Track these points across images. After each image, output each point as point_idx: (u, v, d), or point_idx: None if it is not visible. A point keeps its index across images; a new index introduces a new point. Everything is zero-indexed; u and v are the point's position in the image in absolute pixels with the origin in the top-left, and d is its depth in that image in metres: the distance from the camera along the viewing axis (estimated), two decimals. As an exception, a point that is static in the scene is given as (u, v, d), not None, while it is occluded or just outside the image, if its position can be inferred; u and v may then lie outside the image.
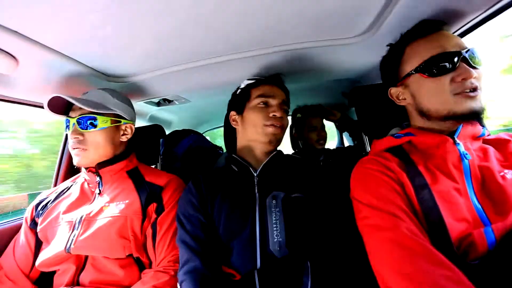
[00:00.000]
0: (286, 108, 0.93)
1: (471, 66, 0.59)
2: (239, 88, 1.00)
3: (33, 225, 0.92)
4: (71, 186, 0.99)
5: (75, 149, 0.88)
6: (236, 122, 0.96)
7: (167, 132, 1.62)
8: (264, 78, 0.98)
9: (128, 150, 1.00)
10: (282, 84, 0.97)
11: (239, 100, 0.96)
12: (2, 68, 0.76)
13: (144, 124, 1.50)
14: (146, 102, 1.37)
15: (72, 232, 0.83)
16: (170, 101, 1.42)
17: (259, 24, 0.79)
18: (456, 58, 0.59)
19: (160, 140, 1.36)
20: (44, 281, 0.89)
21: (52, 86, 0.96)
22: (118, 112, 0.93)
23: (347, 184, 0.71)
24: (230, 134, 1.04)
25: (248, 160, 0.90)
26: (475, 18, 0.75)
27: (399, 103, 0.73)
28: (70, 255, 0.82)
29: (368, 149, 1.80)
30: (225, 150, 1.37)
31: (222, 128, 1.20)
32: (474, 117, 0.60)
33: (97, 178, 0.93)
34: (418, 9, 0.74)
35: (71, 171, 1.22)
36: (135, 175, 0.96)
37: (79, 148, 0.88)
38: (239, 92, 0.98)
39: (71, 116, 0.89)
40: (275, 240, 0.74)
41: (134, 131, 1.00)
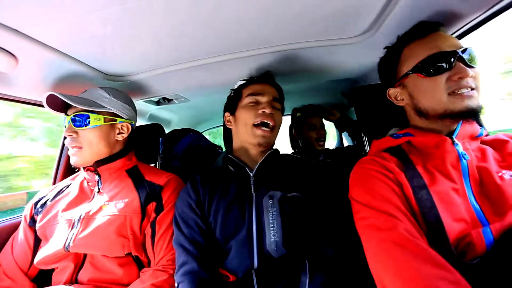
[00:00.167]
0: (277, 105, 0.92)
1: (468, 66, 0.60)
2: (232, 89, 1.01)
3: (32, 223, 0.92)
4: (70, 184, 0.99)
5: (72, 148, 0.89)
6: (230, 122, 0.97)
7: (167, 131, 1.62)
8: (255, 78, 0.98)
9: (126, 149, 1.00)
10: (273, 82, 0.97)
11: (232, 101, 0.97)
12: (2, 67, 0.76)
13: (143, 123, 1.51)
14: (145, 101, 1.37)
15: (71, 230, 0.83)
16: (169, 100, 1.42)
17: (259, 24, 0.79)
18: (452, 58, 0.60)
19: (160, 139, 1.36)
20: (42, 278, 0.89)
21: (51, 85, 0.96)
22: (113, 110, 0.93)
23: (346, 184, 0.72)
24: (228, 134, 1.04)
25: (244, 160, 0.90)
26: (474, 19, 0.75)
27: (398, 104, 0.74)
28: (69, 253, 0.82)
29: (367, 149, 1.80)
30: (224, 149, 1.37)
31: (221, 128, 1.20)
32: (471, 115, 0.60)
33: (96, 177, 0.93)
34: (418, 9, 0.74)
35: (70, 169, 1.22)
36: (134, 174, 0.96)
37: (74, 146, 0.88)
38: (232, 94, 0.99)
39: (67, 114, 0.90)
40: (272, 239, 0.74)
41: (131, 129, 0.99)
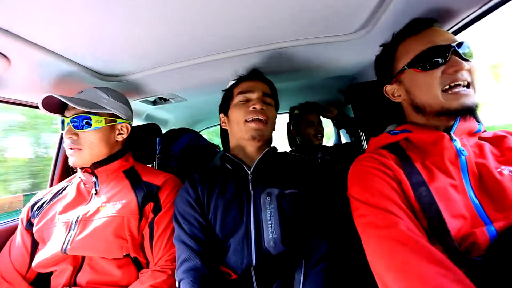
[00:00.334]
0: (269, 100, 0.92)
1: (463, 59, 0.60)
2: (223, 90, 1.01)
3: (29, 226, 0.91)
4: (67, 186, 0.98)
5: (70, 149, 0.88)
6: (225, 123, 0.97)
7: (164, 131, 1.62)
8: (244, 76, 0.98)
9: (124, 149, 0.99)
10: (262, 77, 0.97)
11: (224, 101, 0.98)
12: None
13: (140, 123, 1.49)
14: (142, 101, 1.36)
15: (69, 232, 0.82)
16: (166, 99, 1.41)
17: (255, 22, 0.79)
18: (447, 52, 0.61)
19: (157, 139, 1.35)
20: (40, 282, 0.89)
21: (46, 86, 0.95)
22: (113, 111, 0.93)
23: (343, 181, 0.71)
24: (225, 134, 1.04)
25: (241, 158, 0.90)
26: (469, 15, 0.76)
27: (395, 100, 0.74)
28: (66, 256, 0.81)
29: (364, 146, 1.81)
30: (222, 148, 1.37)
31: (219, 127, 1.19)
32: (467, 112, 0.61)
33: (93, 178, 0.92)
34: (413, 6, 0.74)
35: (67, 171, 1.21)
36: (131, 175, 0.96)
37: (74, 148, 0.87)
38: (224, 94, 1.00)
39: (65, 116, 0.88)
40: (270, 236, 0.75)
41: (130, 130, 0.99)
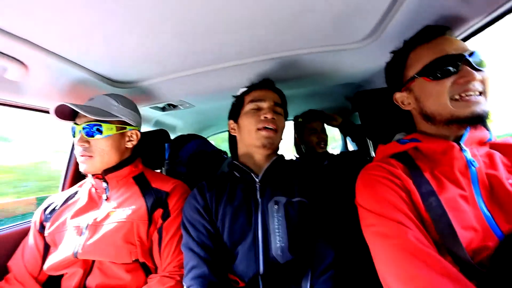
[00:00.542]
0: (279, 110, 0.93)
1: (475, 69, 0.59)
2: (234, 97, 1.02)
3: (41, 229, 0.93)
4: (78, 191, 1.00)
5: (81, 156, 0.89)
6: (234, 130, 0.98)
7: (172, 136, 1.64)
8: (255, 84, 0.99)
9: (133, 156, 1.01)
10: (274, 87, 0.99)
11: (234, 109, 0.98)
12: (13, 75, 0.78)
13: (149, 129, 1.52)
14: (151, 107, 1.39)
15: (80, 237, 0.84)
16: (175, 106, 1.44)
17: (263, 31, 0.80)
18: (458, 61, 0.60)
19: (165, 144, 1.37)
20: (51, 284, 0.90)
21: (60, 92, 0.98)
22: (123, 118, 0.94)
23: (351, 189, 0.71)
24: (233, 141, 1.05)
25: (249, 166, 0.91)
26: (477, 22, 0.75)
27: (404, 108, 0.73)
28: (77, 260, 0.83)
29: (372, 153, 1.79)
30: (229, 155, 1.38)
31: (226, 133, 1.21)
32: (477, 121, 0.59)
33: (104, 184, 0.94)
34: (420, 14, 0.74)
35: (78, 176, 1.23)
36: (141, 181, 0.97)
37: (85, 155, 0.89)
38: (235, 101, 1.01)
39: (77, 123, 0.90)
40: (278, 245, 0.75)
41: (140, 136, 1.01)
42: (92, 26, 0.68)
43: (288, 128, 1.00)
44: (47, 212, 0.95)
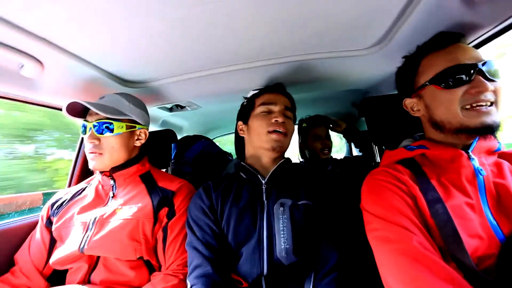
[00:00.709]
0: (289, 114, 0.94)
1: (488, 79, 0.59)
2: (245, 98, 1.03)
3: (48, 223, 0.94)
4: (86, 187, 1.02)
5: (91, 153, 0.91)
6: (243, 131, 0.99)
7: (178, 137, 1.66)
8: (267, 87, 1.01)
9: (141, 154, 1.03)
10: (284, 91, 1.00)
11: (244, 110, 0.99)
12: (30, 73, 0.80)
13: (156, 128, 1.54)
14: (159, 108, 1.41)
15: (86, 232, 0.85)
16: (182, 107, 1.46)
17: (272, 35, 0.81)
18: (471, 71, 0.59)
19: (172, 145, 1.38)
20: (56, 278, 0.91)
21: (72, 90, 1.00)
22: (133, 117, 0.96)
23: (355, 193, 0.72)
24: (240, 142, 1.06)
25: (256, 168, 0.91)
26: (490, 30, 0.74)
27: (414, 114, 0.73)
28: (83, 255, 0.84)
29: (378, 159, 1.79)
30: (235, 157, 1.39)
31: (231, 135, 1.22)
32: (487, 131, 0.59)
33: (111, 182, 0.96)
34: (430, 22, 0.74)
35: (85, 173, 1.25)
36: (148, 180, 0.99)
37: (95, 152, 0.90)
38: (245, 103, 1.02)
39: (88, 120, 0.92)
40: (282, 247, 0.75)
41: (148, 136, 1.03)
42: (107, 26, 0.70)
43: (294, 132, 1.00)
44: (55, 207, 0.96)
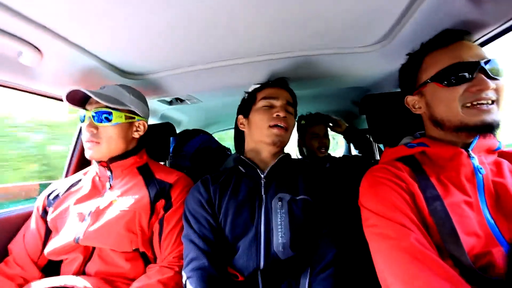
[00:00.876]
0: (291, 109, 0.94)
1: (491, 77, 0.58)
2: (246, 92, 1.02)
3: (44, 214, 0.94)
4: (82, 178, 1.01)
5: (88, 142, 0.90)
6: (243, 125, 0.99)
7: (177, 131, 1.65)
8: (269, 82, 1.00)
9: (139, 146, 1.02)
10: (286, 86, 0.99)
11: (245, 104, 0.99)
12: (28, 61, 0.79)
13: (155, 121, 1.53)
14: (158, 100, 1.40)
15: (82, 223, 0.85)
16: (182, 100, 1.45)
17: (274, 30, 0.80)
18: (473, 69, 0.58)
19: (171, 138, 1.38)
20: (51, 268, 0.91)
21: (71, 80, 0.99)
22: (133, 108, 0.95)
23: (354, 190, 0.71)
24: (239, 137, 1.06)
25: (255, 162, 0.91)
26: (496, 28, 0.73)
27: (415, 112, 0.73)
28: (78, 246, 0.83)
29: (377, 157, 1.79)
30: (234, 152, 1.38)
31: (232, 131, 1.21)
32: (487, 130, 0.59)
33: (108, 173, 0.95)
34: (434, 20, 0.74)
35: (82, 163, 1.24)
36: (145, 172, 0.98)
37: (93, 141, 0.89)
38: (246, 97, 1.01)
39: (87, 109, 0.91)
40: (280, 241, 0.75)
41: (147, 128, 1.02)
42: (107, 16, 0.69)
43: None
44: (51, 197, 0.96)
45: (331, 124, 1.65)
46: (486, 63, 0.59)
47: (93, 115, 0.89)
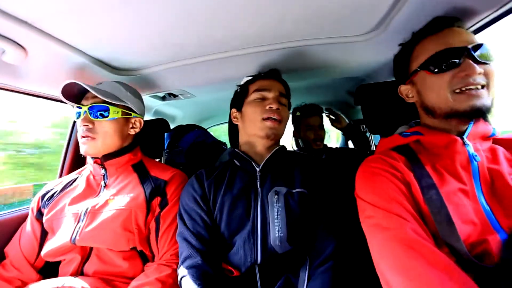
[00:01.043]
0: (284, 101, 0.92)
1: (479, 62, 0.58)
2: (239, 85, 1.01)
3: (39, 215, 0.93)
4: (77, 178, 1.00)
5: (83, 137, 0.88)
6: (237, 118, 0.97)
7: (171, 127, 1.63)
8: (261, 74, 0.98)
9: (133, 143, 1.01)
10: (279, 77, 0.97)
11: (238, 97, 0.97)
12: (12, 58, 0.77)
13: (148, 118, 1.51)
14: (151, 96, 1.37)
15: (78, 224, 0.84)
16: (175, 95, 1.43)
17: (267, 21, 0.79)
18: (460, 54, 0.58)
19: (165, 134, 1.36)
20: (48, 270, 0.90)
21: (60, 77, 0.96)
22: (129, 105, 0.94)
23: (350, 181, 0.71)
24: (234, 131, 1.05)
25: (250, 155, 0.90)
26: (490, 14, 0.73)
27: (408, 101, 0.73)
28: (75, 246, 0.83)
29: (373, 147, 1.79)
30: (229, 146, 1.37)
31: (226, 125, 1.20)
32: (477, 115, 0.59)
33: (102, 171, 0.94)
34: (427, 7, 0.73)
35: (77, 162, 1.23)
36: (140, 169, 0.97)
37: (88, 136, 0.88)
38: (238, 90, 1.00)
39: (83, 104, 0.89)
40: (276, 235, 0.75)
41: (143, 125, 1.01)
42: (93, 11, 0.66)
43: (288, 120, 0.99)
44: (45, 198, 0.94)
45: (333, 117, 1.64)
46: (474, 48, 0.58)
47: (89, 110, 0.88)
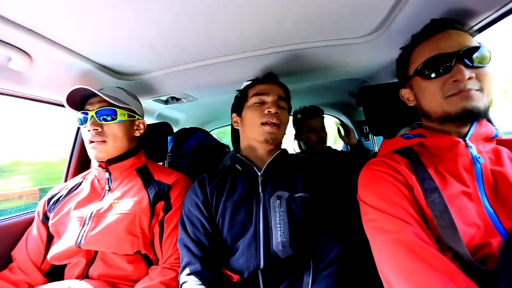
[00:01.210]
0: (283, 104, 0.92)
1: (471, 66, 0.58)
2: (238, 90, 1.01)
3: (44, 219, 0.94)
4: (82, 182, 1.01)
5: (92, 142, 0.89)
6: (237, 123, 0.98)
7: (174, 130, 1.64)
8: (259, 78, 0.99)
9: (138, 147, 1.02)
10: (277, 81, 0.98)
11: (238, 102, 0.98)
12: (18, 66, 0.78)
13: (152, 121, 1.52)
14: (154, 100, 1.38)
15: (83, 228, 0.85)
16: (178, 99, 1.43)
17: (268, 24, 0.79)
18: (450, 60, 0.59)
19: (168, 137, 1.37)
20: (54, 273, 0.92)
21: (65, 83, 0.98)
22: (133, 107, 0.97)
23: (353, 184, 0.71)
24: (236, 135, 1.05)
25: (252, 160, 0.90)
26: (491, 14, 0.72)
27: (409, 104, 0.74)
28: (80, 250, 0.84)
29: (375, 149, 1.78)
30: (232, 149, 1.38)
31: (229, 127, 1.20)
32: (471, 117, 0.58)
33: (106, 174, 0.95)
34: (428, 8, 0.73)
35: (82, 167, 1.24)
36: (144, 173, 0.98)
37: (97, 141, 0.89)
38: (238, 94, 1.00)
39: (88, 109, 0.91)
40: (279, 240, 0.74)
41: (146, 127, 1.03)
42: (97, 17, 0.67)
43: (290, 122, 0.99)
44: (51, 202, 0.96)
45: (342, 130, 1.62)
46: (467, 52, 0.58)
47: (96, 114, 0.89)
